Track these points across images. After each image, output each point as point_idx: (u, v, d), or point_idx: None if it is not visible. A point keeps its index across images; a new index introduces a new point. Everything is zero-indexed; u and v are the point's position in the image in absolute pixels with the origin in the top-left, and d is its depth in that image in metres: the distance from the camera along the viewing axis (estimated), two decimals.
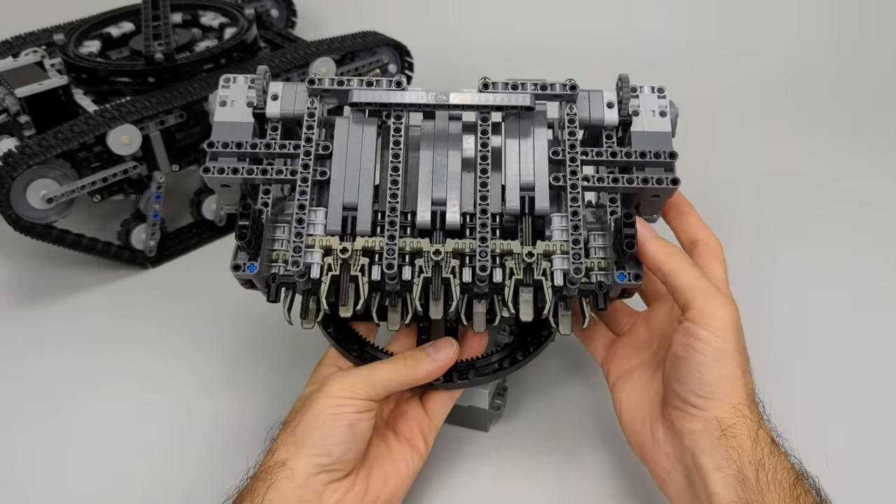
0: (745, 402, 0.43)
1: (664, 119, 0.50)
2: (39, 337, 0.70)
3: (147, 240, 0.76)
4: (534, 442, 0.57)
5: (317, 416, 0.45)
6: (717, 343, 0.42)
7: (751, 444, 0.41)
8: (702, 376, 0.43)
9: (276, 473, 0.44)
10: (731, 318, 0.43)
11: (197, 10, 0.89)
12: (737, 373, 0.43)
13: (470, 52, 1.15)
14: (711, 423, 0.42)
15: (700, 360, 0.43)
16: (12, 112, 0.73)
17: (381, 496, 0.47)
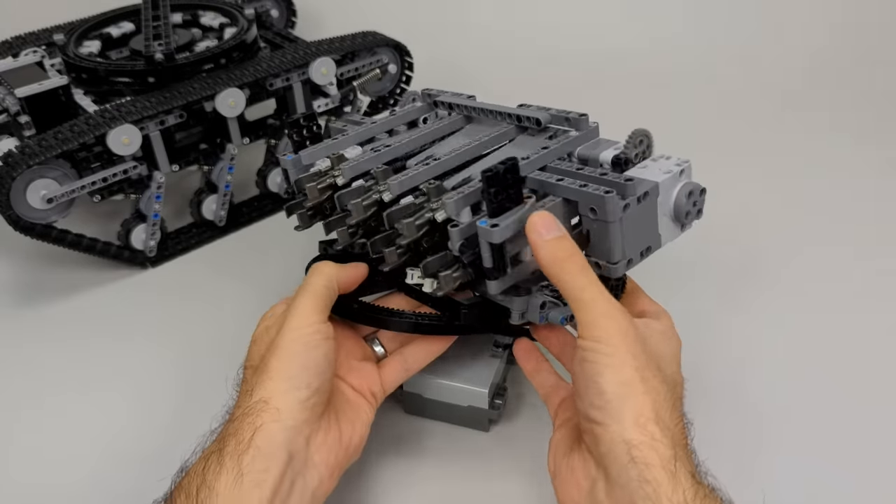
0: (653, 419, 0.38)
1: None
2: (39, 337, 0.70)
3: (147, 240, 0.76)
4: (534, 442, 0.57)
5: (288, 349, 0.45)
6: (607, 349, 0.40)
7: (668, 480, 0.37)
8: (597, 385, 0.39)
9: (261, 415, 0.42)
10: (621, 326, 0.41)
11: (197, 10, 0.89)
12: (635, 378, 0.39)
13: (470, 52, 1.15)
14: (617, 446, 0.38)
15: (592, 370, 0.40)
16: (12, 112, 0.73)
17: (352, 440, 0.47)
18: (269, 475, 0.41)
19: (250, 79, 0.75)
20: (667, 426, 0.39)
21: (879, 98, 1.03)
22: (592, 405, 0.40)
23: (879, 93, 1.04)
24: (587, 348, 0.41)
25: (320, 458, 0.44)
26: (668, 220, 0.49)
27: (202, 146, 0.78)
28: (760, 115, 1.01)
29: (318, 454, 0.44)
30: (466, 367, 0.56)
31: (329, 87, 0.82)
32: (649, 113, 1.03)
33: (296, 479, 0.43)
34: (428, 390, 0.56)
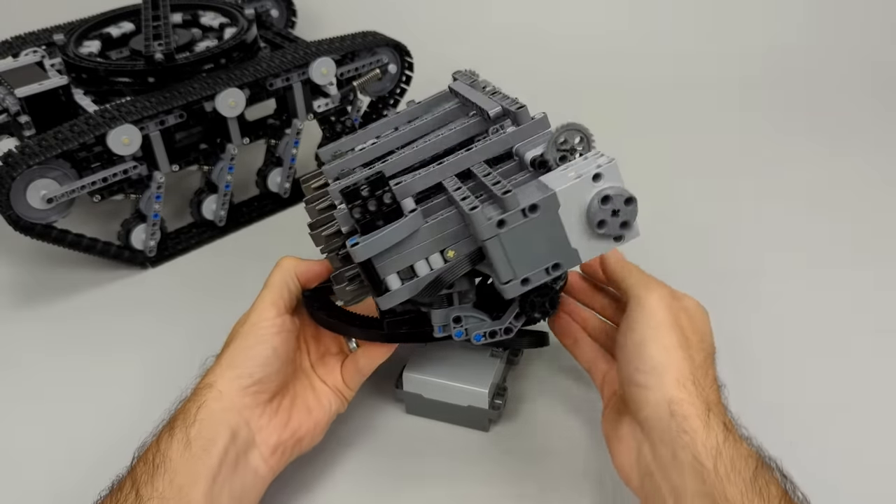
0: (690, 379, 0.43)
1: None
2: (39, 337, 0.70)
3: (147, 240, 0.76)
4: (533, 442, 0.57)
5: (238, 341, 0.50)
6: (651, 320, 0.45)
7: (703, 428, 0.41)
8: (642, 351, 0.45)
9: (206, 394, 0.47)
10: (664, 301, 0.46)
11: (197, 10, 0.89)
12: (675, 345, 0.44)
13: (470, 51, 1.15)
14: (660, 406, 0.43)
15: (638, 338, 0.45)
16: (12, 112, 0.73)
17: (302, 426, 0.51)
18: (214, 446, 0.45)
19: (250, 79, 0.75)
20: (702, 386, 0.44)
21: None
22: (638, 370, 0.44)
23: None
24: (636, 319, 0.46)
25: (261, 439, 0.48)
26: (585, 231, 0.43)
27: (202, 146, 0.78)
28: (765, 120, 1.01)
29: (259, 435, 0.48)
30: (466, 368, 0.56)
31: (329, 87, 0.82)
32: (649, 114, 1.03)
33: (239, 456, 0.47)
34: (428, 390, 0.56)
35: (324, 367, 0.55)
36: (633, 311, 0.47)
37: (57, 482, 0.56)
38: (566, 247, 0.43)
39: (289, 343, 0.51)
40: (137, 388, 0.63)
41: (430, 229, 0.45)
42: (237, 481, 0.46)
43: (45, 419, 0.61)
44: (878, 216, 0.81)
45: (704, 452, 0.40)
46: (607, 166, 0.42)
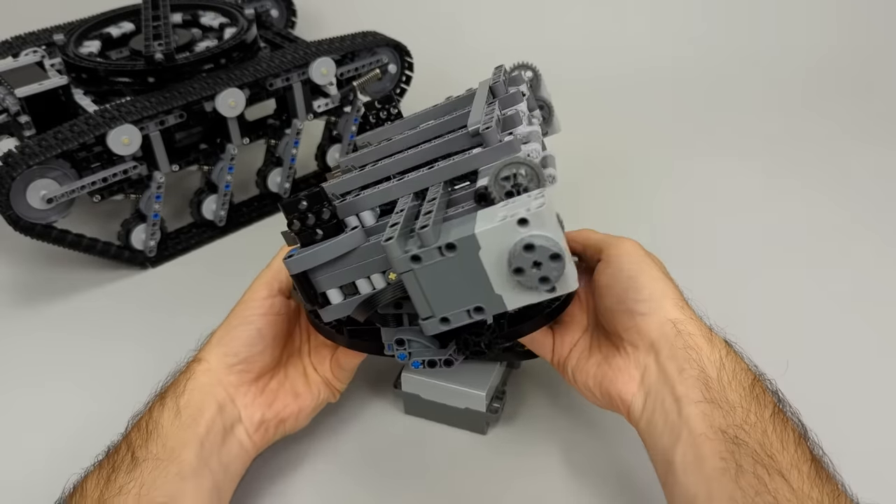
0: (684, 302, 0.47)
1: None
2: (39, 337, 0.70)
3: (147, 240, 0.76)
4: (531, 446, 0.57)
5: (231, 321, 0.52)
6: (635, 257, 0.49)
7: (707, 343, 0.45)
8: (637, 283, 0.48)
9: (195, 368, 0.50)
10: (636, 244, 0.51)
11: (197, 10, 0.89)
12: (662, 276, 0.48)
13: (470, 52, 1.15)
14: (665, 325, 0.46)
15: (629, 274, 0.48)
16: (12, 112, 0.73)
17: (287, 408, 0.53)
18: (202, 416, 0.48)
19: (250, 79, 0.75)
20: (689, 306, 0.48)
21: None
22: (637, 301, 0.47)
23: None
24: (621, 259, 0.49)
25: (246, 416, 0.51)
26: (511, 278, 0.38)
27: (202, 146, 0.78)
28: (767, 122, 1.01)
29: (244, 412, 0.51)
30: (465, 370, 0.56)
31: (329, 87, 0.82)
32: (650, 114, 1.03)
33: (226, 427, 0.49)
34: (426, 391, 0.56)
35: (317, 356, 0.56)
36: (613, 257, 0.50)
37: (57, 482, 0.55)
38: (489, 291, 0.39)
39: (277, 325, 0.52)
40: (137, 387, 0.63)
41: (369, 249, 0.43)
42: (224, 450, 0.49)
43: (45, 418, 0.61)
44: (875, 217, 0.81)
45: (710, 365, 0.44)
46: (536, 211, 0.36)
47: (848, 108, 1.02)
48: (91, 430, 0.60)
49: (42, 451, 0.59)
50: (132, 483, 0.44)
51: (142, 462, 0.45)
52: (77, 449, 0.58)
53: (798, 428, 0.42)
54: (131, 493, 0.44)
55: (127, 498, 0.43)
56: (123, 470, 0.45)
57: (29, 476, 0.57)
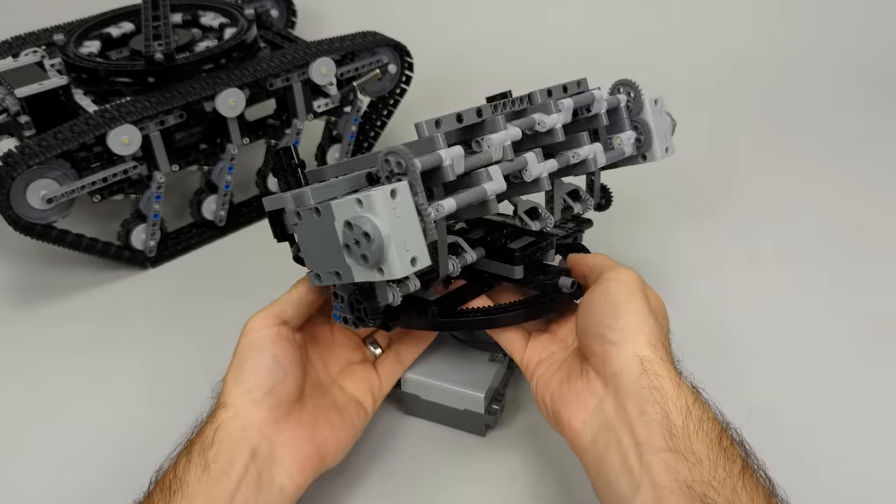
0: (660, 342, 0.45)
1: None
2: (39, 337, 0.70)
3: (147, 240, 0.76)
4: (530, 448, 0.57)
5: (241, 355, 0.49)
6: (626, 287, 0.48)
7: (674, 388, 0.42)
8: (616, 311, 0.46)
9: (221, 415, 0.46)
10: (636, 275, 0.49)
11: (197, 10, 0.89)
12: (647, 312, 0.46)
13: (470, 52, 1.15)
14: (631, 361, 0.44)
15: (613, 300, 0.47)
16: (12, 112, 0.73)
17: (327, 442, 0.50)
18: (233, 467, 0.44)
19: (250, 79, 0.75)
20: (669, 351, 0.46)
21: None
22: (611, 328, 0.45)
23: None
24: (610, 285, 0.48)
25: (286, 454, 0.47)
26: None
27: (202, 146, 0.78)
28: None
29: (283, 450, 0.47)
30: (465, 371, 0.56)
31: (329, 87, 0.82)
32: None
33: (262, 473, 0.45)
34: (426, 392, 0.56)
35: (350, 378, 0.54)
36: (605, 281, 0.49)
37: (57, 481, 0.56)
38: (342, 259, 0.42)
39: (290, 352, 0.49)
40: (137, 387, 0.64)
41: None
42: (261, 501, 0.45)
43: (45, 419, 0.61)
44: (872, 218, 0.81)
45: (675, 410, 0.41)
46: (371, 193, 0.39)
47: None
48: (91, 430, 0.60)
49: (42, 452, 0.59)
50: None
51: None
52: (77, 450, 0.58)
53: (766, 484, 0.40)
54: None
55: None
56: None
57: (28, 476, 0.57)
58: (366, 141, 0.94)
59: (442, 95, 1.06)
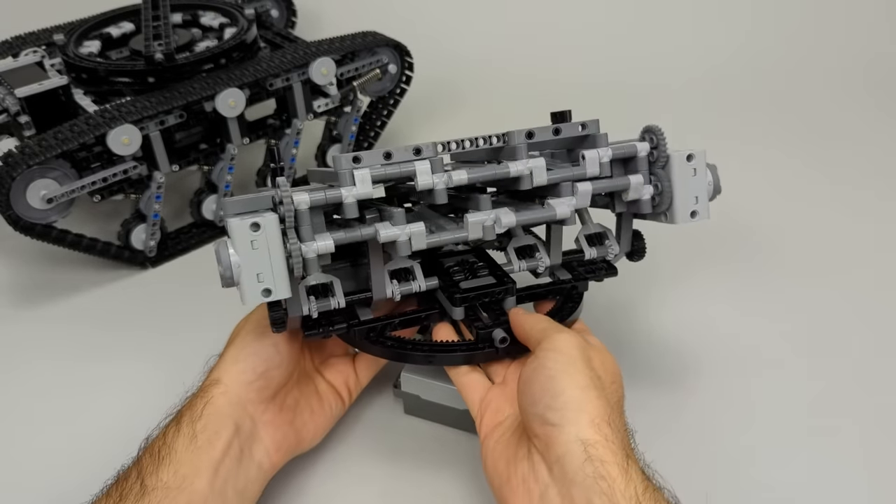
0: (606, 421, 0.41)
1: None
2: (39, 337, 0.70)
3: (147, 240, 0.76)
4: None
5: (244, 337, 0.52)
6: (563, 357, 0.44)
7: (621, 476, 0.39)
8: (554, 387, 0.42)
9: (212, 390, 0.49)
10: (576, 341, 0.45)
11: (197, 10, 0.89)
12: (589, 385, 0.42)
13: (470, 52, 1.15)
14: (574, 445, 0.40)
15: (550, 374, 0.43)
16: (12, 112, 0.73)
17: (306, 426, 0.53)
18: (219, 439, 0.47)
19: (250, 79, 0.75)
20: (617, 429, 0.41)
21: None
22: (549, 408, 0.42)
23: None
24: (547, 357, 0.44)
25: (266, 434, 0.50)
26: None
27: (202, 146, 0.78)
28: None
29: (264, 430, 0.50)
30: None
31: (329, 87, 0.82)
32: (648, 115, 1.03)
33: (243, 449, 0.48)
34: (425, 392, 0.56)
35: (330, 369, 0.57)
36: (542, 351, 0.45)
37: (57, 481, 0.56)
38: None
39: (291, 344, 0.52)
40: (138, 387, 0.63)
41: None
42: (241, 474, 0.48)
43: (45, 418, 0.61)
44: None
45: (623, 502, 0.38)
46: (230, 221, 0.42)
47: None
48: (91, 430, 0.60)
49: (41, 452, 0.59)
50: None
51: (151, 491, 0.44)
52: (77, 450, 0.58)
53: None
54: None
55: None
56: (132, 499, 0.43)
57: (27, 477, 0.57)
58: (366, 141, 0.94)
59: (442, 95, 1.06)
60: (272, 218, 0.42)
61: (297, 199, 0.43)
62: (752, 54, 1.12)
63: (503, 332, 0.50)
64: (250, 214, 0.43)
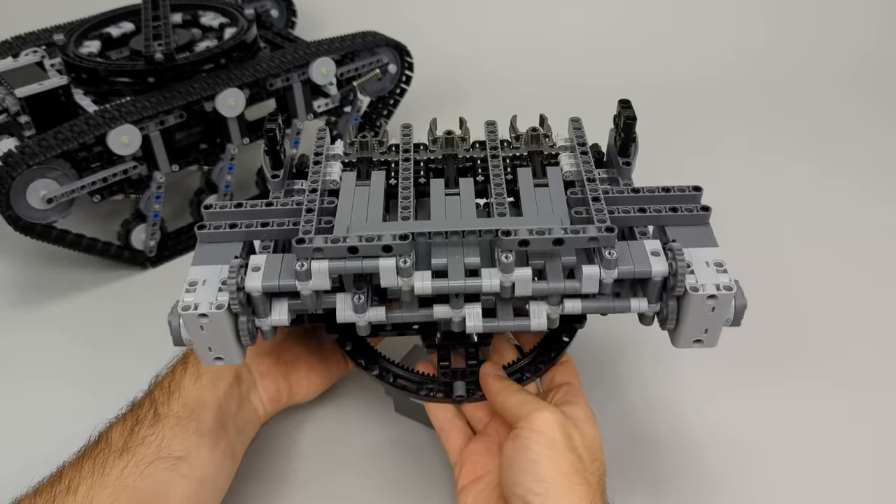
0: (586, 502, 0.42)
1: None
2: (39, 337, 0.70)
3: (147, 240, 0.76)
4: None
5: None
6: (544, 439, 0.43)
7: None
8: (537, 472, 0.42)
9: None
10: (556, 420, 0.44)
11: (197, 10, 0.89)
12: (572, 470, 0.42)
13: (470, 52, 1.15)
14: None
15: (532, 457, 0.43)
16: (12, 112, 0.73)
17: (300, 381, 0.56)
18: (221, 382, 0.52)
19: (250, 79, 0.75)
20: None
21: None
22: (531, 491, 0.42)
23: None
24: (530, 438, 0.44)
25: (261, 385, 0.55)
26: None
27: (202, 146, 0.78)
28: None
29: (260, 381, 0.55)
30: None
31: (329, 87, 0.82)
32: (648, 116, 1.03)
33: (243, 395, 0.53)
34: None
35: (318, 356, 0.59)
36: (524, 431, 0.44)
37: None
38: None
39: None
40: (138, 387, 0.63)
41: None
42: (241, 416, 0.53)
43: (45, 419, 0.61)
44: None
45: None
46: (179, 307, 0.43)
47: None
48: (90, 429, 0.60)
49: (41, 452, 0.58)
50: (154, 436, 0.48)
51: (163, 418, 0.49)
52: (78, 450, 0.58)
53: None
54: (153, 444, 0.47)
55: (148, 449, 0.47)
56: (146, 424, 0.49)
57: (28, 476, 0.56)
58: None
59: (442, 95, 1.06)
60: (220, 314, 0.42)
61: (250, 286, 0.43)
62: (759, 52, 1.12)
63: (462, 389, 0.50)
64: (215, 267, 0.44)
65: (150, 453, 0.47)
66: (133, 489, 0.45)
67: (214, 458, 0.49)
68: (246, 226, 0.46)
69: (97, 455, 0.47)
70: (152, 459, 0.47)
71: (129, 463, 0.46)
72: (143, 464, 0.46)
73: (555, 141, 0.53)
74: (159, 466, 0.47)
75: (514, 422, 0.46)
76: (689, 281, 0.42)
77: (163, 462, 0.47)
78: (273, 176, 0.51)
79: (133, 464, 0.46)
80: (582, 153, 0.50)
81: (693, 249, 0.44)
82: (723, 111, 1.02)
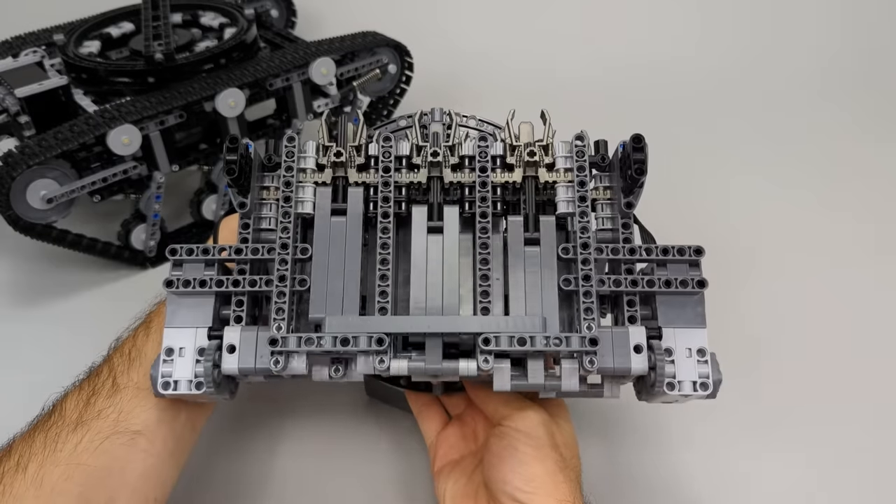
0: (571, 501, 0.43)
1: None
2: (39, 337, 0.70)
3: (147, 240, 0.76)
4: None
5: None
6: (533, 441, 0.45)
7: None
8: (525, 472, 0.44)
9: None
10: (541, 420, 0.46)
11: (197, 10, 0.89)
12: (556, 469, 0.44)
13: (470, 52, 1.15)
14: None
15: (521, 458, 0.45)
16: (12, 112, 0.73)
17: None
18: None
19: (250, 79, 0.75)
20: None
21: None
22: (520, 490, 0.44)
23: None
24: (515, 437, 0.45)
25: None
26: None
27: (202, 146, 0.78)
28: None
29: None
30: None
31: (329, 87, 0.82)
32: (647, 117, 1.03)
33: None
34: None
35: None
36: (510, 430, 0.46)
37: None
38: None
39: None
40: None
41: None
42: None
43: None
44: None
45: None
46: (152, 376, 0.43)
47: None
48: None
49: None
50: (111, 409, 0.45)
51: (122, 389, 0.46)
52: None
53: None
54: (109, 417, 0.45)
55: (105, 423, 0.45)
56: (104, 394, 0.46)
57: None
58: None
59: (442, 95, 1.06)
60: (185, 380, 0.42)
61: (226, 369, 0.42)
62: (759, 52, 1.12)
63: (441, 390, 0.53)
64: (189, 331, 0.43)
65: (107, 427, 0.44)
66: (87, 467, 0.43)
67: (174, 431, 0.47)
68: (216, 283, 0.43)
69: (49, 428, 0.45)
70: (108, 434, 0.44)
71: (83, 438, 0.44)
72: (99, 439, 0.44)
73: (554, 152, 0.47)
74: (115, 442, 0.44)
75: (496, 418, 0.47)
76: (667, 377, 0.41)
77: (119, 437, 0.44)
78: (240, 205, 0.46)
79: (87, 439, 0.44)
80: (580, 183, 0.45)
81: (679, 331, 0.42)
82: (723, 112, 1.02)
